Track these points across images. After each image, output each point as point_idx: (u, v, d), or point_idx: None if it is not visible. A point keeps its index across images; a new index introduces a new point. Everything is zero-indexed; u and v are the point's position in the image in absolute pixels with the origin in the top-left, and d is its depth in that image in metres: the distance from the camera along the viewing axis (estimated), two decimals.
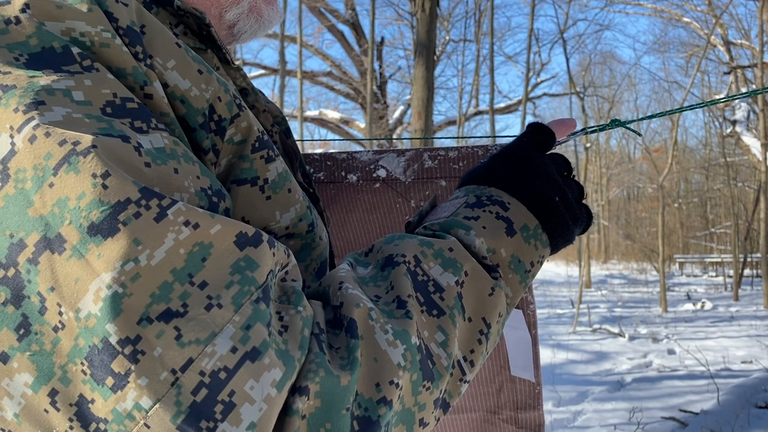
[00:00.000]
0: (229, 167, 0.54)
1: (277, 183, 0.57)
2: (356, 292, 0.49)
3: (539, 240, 0.60)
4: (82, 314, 0.37)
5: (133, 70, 0.46)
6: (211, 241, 0.40)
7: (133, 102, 0.44)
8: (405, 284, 0.51)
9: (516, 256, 0.59)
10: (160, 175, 0.42)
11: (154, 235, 0.38)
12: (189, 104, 0.50)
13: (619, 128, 0.82)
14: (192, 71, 0.51)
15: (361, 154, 0.91)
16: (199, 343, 0.37)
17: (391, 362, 0.46)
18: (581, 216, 0.65)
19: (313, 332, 0.44)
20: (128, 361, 0.36)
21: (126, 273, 0.37)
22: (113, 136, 0.41)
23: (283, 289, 0.46)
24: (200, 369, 0.37)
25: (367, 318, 0.47)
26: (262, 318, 0.40)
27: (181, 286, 0.38)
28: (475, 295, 0.55)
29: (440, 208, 0.64)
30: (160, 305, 0.37)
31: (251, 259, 0.42)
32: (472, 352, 0.54)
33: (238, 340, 0.38)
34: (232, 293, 0.40)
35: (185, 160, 0.45)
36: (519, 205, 0.60)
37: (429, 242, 0.56)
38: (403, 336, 0.47)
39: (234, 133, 0.54)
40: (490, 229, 0.58)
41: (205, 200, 0.45)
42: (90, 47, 0.44)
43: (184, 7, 0.59)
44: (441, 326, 0.51)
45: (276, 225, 0.57)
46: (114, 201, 0.38)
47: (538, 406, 0.91)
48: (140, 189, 0.39)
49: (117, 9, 0.47)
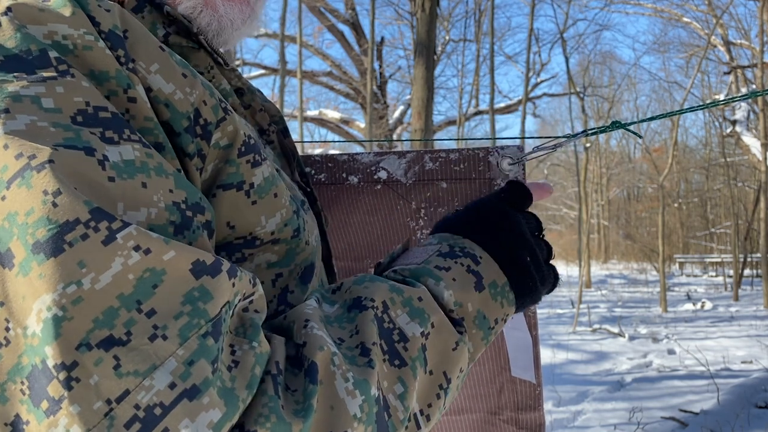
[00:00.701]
0: (216, 172, 0.53)
1: (263, 187, 0.56)
2: (321, 334, 0.47)
3: (506, 298, 0.60)
4: (29, 332, 0.36)
5: (117, 73, 0.45)
6: (164, 267, 0.39)
7: (106, 111, 0.43)
8: (371, 331, 0.50)
9: (482, 312, 0.58)
10: (125, 189, 0.41)
11: (100, 258, 0.37)
12: (173, 108, 0.49)
13: (620, 129, 0.82)
14: (176, 75, 0.50)
15: (362, 156, 0.91)
16: (138, 375, 0.36)
17: (347, 412, 0.44)
18: (549, 277, 0.66)
19: (270, 372, 0.43)
20: (62, 387, 0.35)
21: (67, 296, 0.36)
22: (77, 147, 0.40)
23: (242, 320, 0.44)
24: (136, 402, 0.36)
25: (330, 363, 0.45)
26: (208, 354, 0.39)
27: (127, 312, 0.37)
28: (439, 348, 0.54)
29: (412, 252, 0.63)
30: (103, 331, 0.36)
31: (206, 289, 0.40)
32: (430, 406, 0.53)
33: (179, 375, 0.37)
34: (179, 325, 0.38)
35: (157, 172, 0.44)
36: (490, 260, 0.60)
37: (399, 289, 0.55)
38: (363, 386, 0.46)
39: (220, 137, 0.53)
40: (460, 282, 0.58)
41: (176, 215, 0.44)
42: (73, 50, 0.44)
43: (173, 13, 0.58)
44: (401, 377, 0.50)
45: (261, 230, 0.56)
46: (62, 220, 0.37)
47: (538, 407, 0.92)
48: (91, 210, 0.38)
49: (99, 13, 0.47)
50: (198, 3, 0.61)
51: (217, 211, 0.53)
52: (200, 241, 0.45)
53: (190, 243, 0.44)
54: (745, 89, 13.67)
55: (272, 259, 0.58)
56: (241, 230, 0.55)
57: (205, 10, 0.61)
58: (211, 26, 0.62)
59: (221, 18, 0.62)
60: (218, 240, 0.54)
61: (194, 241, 0.45)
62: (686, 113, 0.90)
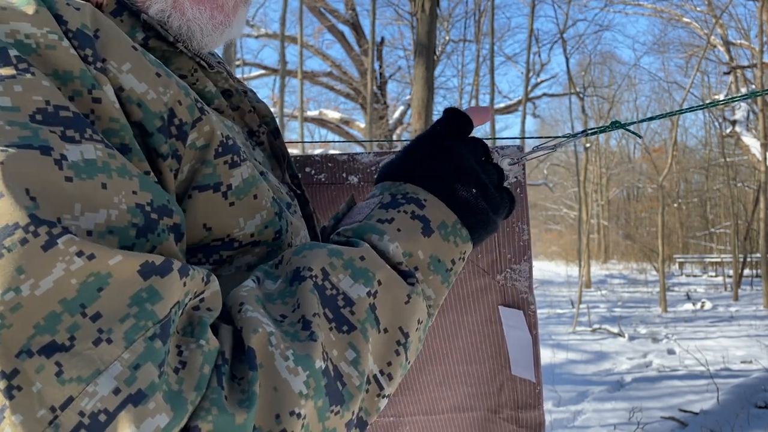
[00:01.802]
0: (192, 173, 0.53)
1: (242, 189, 0.55)
2: (256, 315, 0.46)
3: (459, 236, 0.58)
4: None
5: (81, 73, 0.44)
6: (109, 271, 0.38)
7: (67, 111, 0.42)
8: (311, 302, 0.49)
9: (435, 256, 0.56)
10: (83, 190, 0.40)
11: (40, 263, 0.36)
12: (146, 107, 0.48)
13: (619, 129, 0.83)
14: (149, 74, 0.50)
15: (362, 156, 0.91)
16: (81, 381, 0.35)
17: (292, 391, 0.43)
18: (502, 203, 0.63)
19: (216, 364, 0.42)
20: (3, 396, 0.34)
21: (5, 303, 0.35)
22: (33, 147, 0.39)
23: (190, 318, 0.43)
24: (80, 409, 0.35)
25: (267, 344, 0.44)
26: (155, 357, 0.38)
27: (70, 317, 0.36)
28: (390, 304, 0.52)
29: (356, 209, 0.61)
30: (44, 337, 0.35)
31: (155, 290, 0.39)
32: (390, 364, 0.52)
33: (123, 380, 0.36)
34: (125, 327, 0.37)
35: (119, 174, 0.43)
36: (436, 201, 0.58)
37: (338, 252, 0.53)
38: (305, 361, 0.45)
39: (197, 138, 0.52)
40: (406, 231, 0.56)
41: (139, 217, 0.43)
42: (35, 49, 0.43)
43: (150, 21, 0.58)
44: (351, 343, 0.49)
45: (240, 232, 0.55)
46: (2, 225, 0.36)
47: (538, 406, 0.92)
48: (30, 215, 0.37)
49: (67, 11, 0.46)
50: (167, 6, 0.59)
51: (193, 213, 0.52)
52: (165, 245, 0.45)
53: (154, 246, 0.44)
54: (744, 89, 13.68)
55: (253, 262, 0.57)
56: (218, 232, 0.54)
57: (174, 13, 0.60)
58: (181, 30, 0.60)
59: (189, 22, 0.60)
60: (195, 241, 0.54)
61: (159, 245, 0.44)
62: (686, 113, 0.90)
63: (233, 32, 0.64)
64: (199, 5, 0.61)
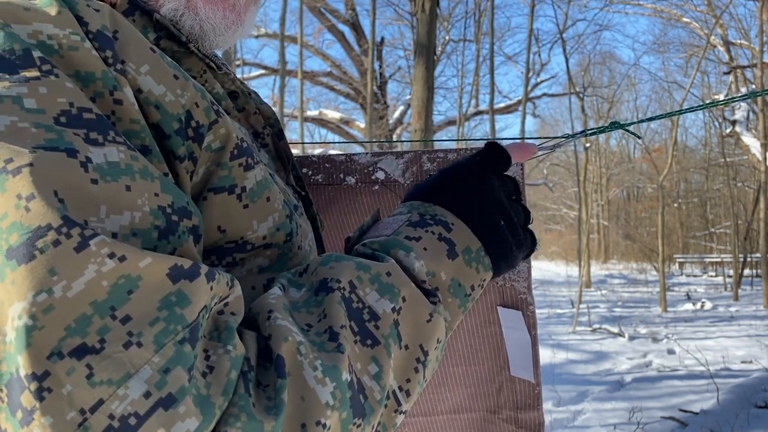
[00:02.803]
0: (208, 175, 0.53)
1: (256, 191, 0.55)
2: (285, 323, 0.46)
3: (481, 263, 0.59)
4: (7, 339, 0.35)
5: (103, 75, 0.44)
6: (139, 273, 0.38)
7: (90, 113, 0.42)
8: (338, 314, 0.49)
9: (456, 280, 0.57)
10: (108, 192, 0.40)
11: (72, 265, 0.36)
12: (164, 109, 0.48)
13: (618, 129, 0.82)
14: (167, 76, 0.50)
15: (360, 156, 0.91)
16: (111, 384, 0.35)
17: (319, 401, 0.43)
18: (525, 242, 0.64)
19: (242, 370, 0.42)
20: (34, 398, 0.34)
21: (38, 304, 0.35)
22: (59, 149, 0.39)
23: (216, 323, 0.43)
24: (110, 412, 0.35)
25: (296, 353, 0.44)
26: (184, 361, 0.38)
27: (101, 319, 0.36)
28: (413, 321, 0.53)
29: (382, 224, 0.61)
30: (75, 339, 0.35)
31: (184, 293, 0.39)
32: (408, 381, 0.52)
33: (154, 384, 0.36)
34: (155, 331, 0.37)
35: (142, 176, 0.43)
36: (463, 226, 0.58)
37: (366, 266, 0.53)
38: (333, 372, 0.45)
39: (212, 140, 0.52)
40: (431, 251, 0.56)
41: (161, 219, 0.43)
42: (58, 50, 0.43)
43: (163, 21, 0.58)
44: (375, 357, 0.49)
45: (253, 234, 0.55)
46: (34, 226, 0.36)
47: (537, 406, 0.92)
48: (62, 216, 0.37)
49: (88, 13, 0.46)
50: (180, 5, 0.60)
51: (208, 215, 0.53)
52: (186, 247, 0.45)
53: (174, 248, 0.43)
54: (744, 89, 13.67)
55: (264, 264, 0.57)
56: (232, 234, 0.54)
57: (187, 12, 0.60)
58: (193, 30, 0.60)
59: (202, 22, 0.61)
60: (209, 244, 0.54)
61: (179, 247, 0.44)
62: (686, 114, 0.90)
63: (244, 32, 0.65)
64: (212, 5, 0.61)
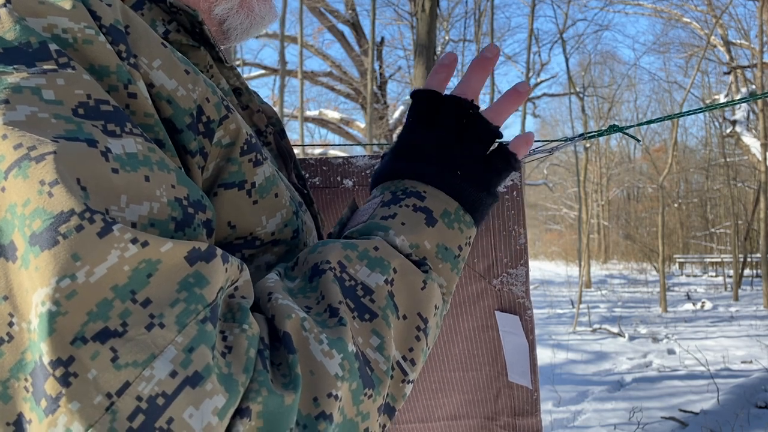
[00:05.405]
0: (218, 170, 0.53)
1: (265, 187, 0.56)
2: (287, 302, 0.46)
3: (462, 222, 0.58)
4: (32, 327, 0.35)
5: (117, 68, 0.45)
6: (159, 257, 0.38)
7: (108, 104, 0.43)
8: (334, 291, 0.49)
9: (442, 245, 0.57)
10: (129, 182, 0.40)
11: (96, 250, 0.36)
12: (176, 104, 0.48)
13: (617, 132, 0.82)
14: (178, 71, 0.50)
15: (357, 159, 0.90)
16: (137, 365, 0.35)
17: (328, 374, 0.43)
18: (495, 167, 0.61)
19: (258, 348, 0.42)
20: (59, 384, 0.34)
21: (61, 290, 0.35)
22: (79, 139, 0.39)
23: (229, 306, 0.44)
24: (137, 394, 0.35)
25: (300, 329, 0.44)
26: (207, 340, 0.38)
27: (122, 303, 0.36)
28: (407, 291, 0.53)
29: (359, 212, 0.61)
30: (97, 324, 0.35)
31: (201, 274, 0.40)
32: (411, 350, 0.52)
33: (179, 363, 0.36)
34: (176, 312, 0.37)
35: (159, 167, 0.43)
36: (434, 190, 0.58)
37: (353, 244, 0.54)
38: (338, 345, 0.45)
39: (223, 136, 0.52)
40: (409, 224, 0.56)
41: (178, 211, 0.43)
42: (72, 44, 0.43)
43: (177, 4, 0.58)
44: (375, 330, 0.49)
45: (262, 230, 0.56)
46: (57, 211, 0.36)
47: (535, 412, 0.91)
48: (84, 202, 0.37)
49: (100, 7, 0.46)
50: (234, 4, 0.65)
51: (218, 211, 0.53)
52: (200, 239, 0.45)
53: (190, 240, 0.43)
54: (744, 89, 13.66)
55: (272, 261, 0.58)
56: (241, 230, 0.55)
57: (240, 11, 0.65)
58: (242, 25, 0.66)
59: (255, 16, 0.66)
60: (219, 239, 0.54)
61: (194, 239, 0.44)
62: (685, 115, 0.89)
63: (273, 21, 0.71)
64: (263, 0, 0.68)
